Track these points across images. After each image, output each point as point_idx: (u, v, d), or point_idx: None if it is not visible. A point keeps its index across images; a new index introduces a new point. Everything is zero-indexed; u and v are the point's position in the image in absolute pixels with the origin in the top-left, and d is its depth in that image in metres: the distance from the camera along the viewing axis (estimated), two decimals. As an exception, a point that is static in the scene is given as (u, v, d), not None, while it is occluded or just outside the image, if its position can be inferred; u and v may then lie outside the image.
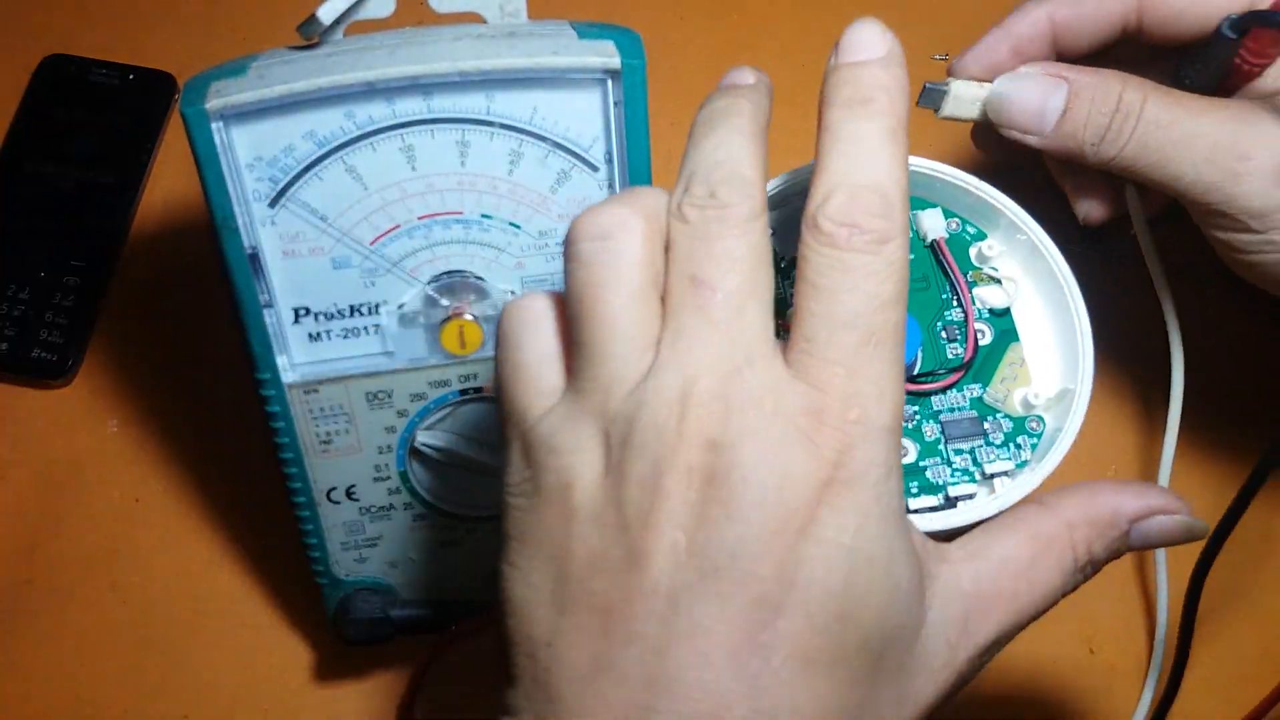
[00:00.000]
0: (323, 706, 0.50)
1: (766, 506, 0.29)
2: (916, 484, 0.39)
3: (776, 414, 0.30)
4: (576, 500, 0.30)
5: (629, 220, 0.32)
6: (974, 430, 0.40)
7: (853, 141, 0.32)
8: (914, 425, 0.40)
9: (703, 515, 0.29)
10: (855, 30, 0.33)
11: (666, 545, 0.29)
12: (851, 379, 0.30)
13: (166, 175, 0.59)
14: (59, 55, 0.60)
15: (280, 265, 0.41)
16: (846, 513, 0.29)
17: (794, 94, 0.60)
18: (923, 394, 0.41)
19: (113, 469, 0.54)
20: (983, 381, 0.41)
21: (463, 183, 0.40)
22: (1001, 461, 0.40)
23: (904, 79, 0.33)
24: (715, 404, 0.30)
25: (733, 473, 0.29)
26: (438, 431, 0.44)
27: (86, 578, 0.52)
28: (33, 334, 0.55)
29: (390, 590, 0.47)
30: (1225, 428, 0.53)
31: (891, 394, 0.30)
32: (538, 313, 0.33)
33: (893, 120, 0.32)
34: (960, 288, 0.42)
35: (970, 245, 0.43)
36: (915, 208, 0.42)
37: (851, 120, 0.32)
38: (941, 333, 0.42)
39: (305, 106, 0.38)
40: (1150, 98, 0.41)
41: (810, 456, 0.29)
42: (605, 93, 0.39)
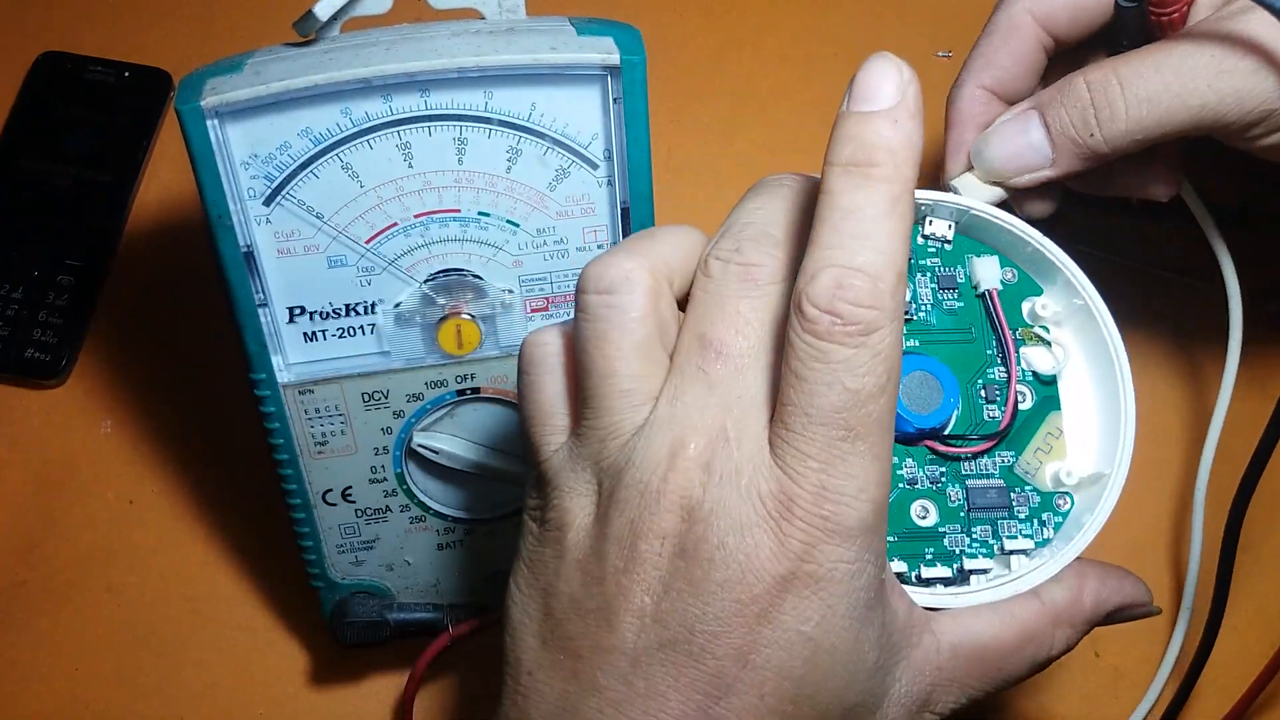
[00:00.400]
0: (319, 709, 0.50)
1: (729, 587, 0.30)
2: (932, 550, 0.37)
3: (749, 494, 0.30)
4: (569, 541, 0.32)
5: (633, 274, 0.32)
6: (1000, 502, 0.38)
7: (847, 214, 0.30)
8: (939, 488, 0.38)
9: (669, 585, 0.30)
10: (867, 71, 0.31)
11: (635, 607, 0.30)
12: (826, 474, 0.29)
13: (162, 173, 0.58)
14: (55, 53, 0.60)
15: (275, 264, 0.40)
16: (809, 604, 0.30)
17: (793, 91, 0.60)
18: (952, 457, 0.38)
19: (108, 470, 0.53)
20: (1015, 450, 0.39)
21: (460, 180, 0.40)
22: (1023, 539, 0.38)
23: (915, 133, 0.31)
24: (697, 472, 0.30)
25: (701, 548, 0.30)
26: (434, 433, 0.44)
27: (82, 579, 0.52)
28: (27, 333, 0.55)
29: (386, 593, 0.47)
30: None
31: (871, 491, 0.30)
32: (551, 353, 0.34)
33: (895, 188, 0.30)
34: (1007, 346, 0.39)
35: (1024, 300, 0.40)
36: (972, 252, 0.39)
37: (849, 189, 0.30)
38: (980, 391, 0.39)
39: (301, 103, 0.38)
40: (1116, 65, 0.40)
41: (776, 545, 0.29)
42: (604, 89, 0.39)
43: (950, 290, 0.39)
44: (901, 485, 0.38)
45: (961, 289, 0.39)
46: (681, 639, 0.30)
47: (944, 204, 0.39)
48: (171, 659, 0.51)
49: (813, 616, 0.30)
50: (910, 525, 0.38)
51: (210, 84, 0.38)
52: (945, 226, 0.39)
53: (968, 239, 0.40)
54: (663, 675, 0.30)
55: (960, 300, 0.39)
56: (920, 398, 0.37)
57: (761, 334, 0.31)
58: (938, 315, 0.39)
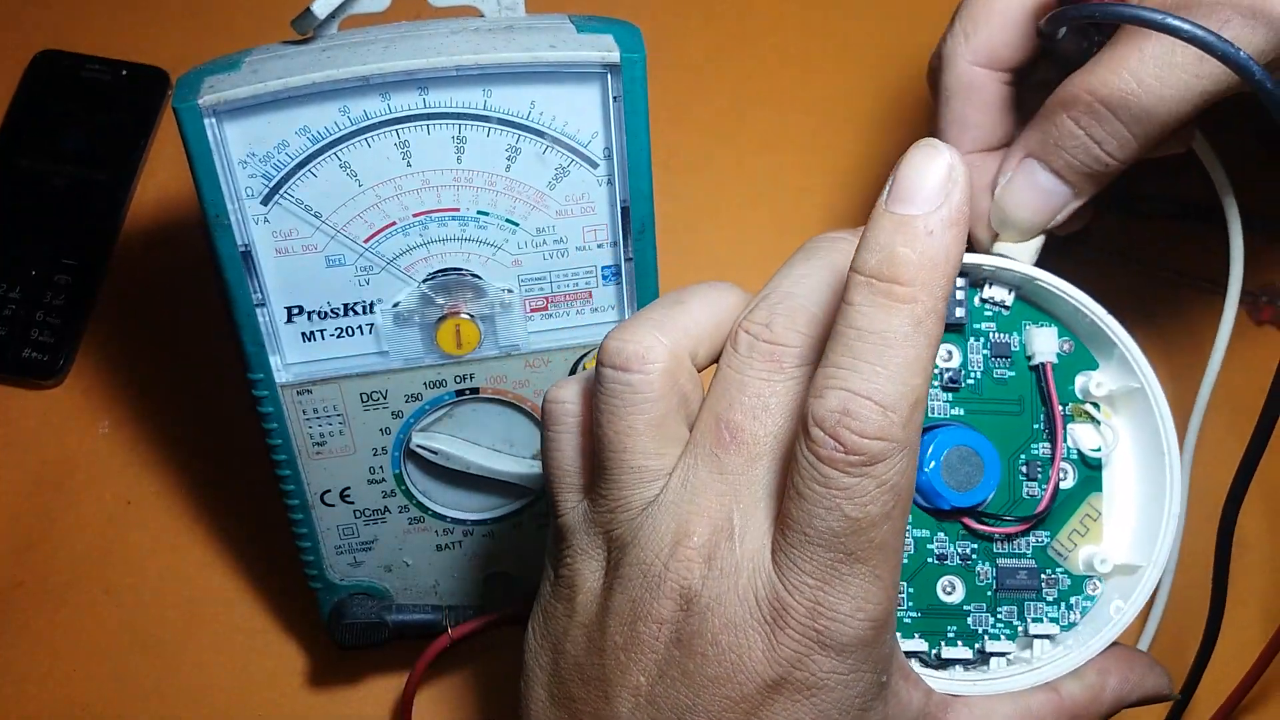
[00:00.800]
0: (317, 711, 0.50)
1: (720, 683, 0.30)
2: (954, 629, 0.37)
3: (746, 595, 0.30)
4: (579, 602, 0.32)
5: (651, 351, 0.31)
6: (1029, 583, 0.37)
7: (863, 334, 0.28)
8: (969, 566, 0.37)
9: (664, 670, 0.30)
10: (909, 163, 0.29)
11: (631, 685, 0.30)
12: (821, 591, 0.29)
13: (160, 172, 0.58)
14: (52, 51, 0.59)
15: (273, 263, 0.40)
16: (800, 708, 0.30)
17: (794, 90, 0.60)
18: (985, 536, 0.37)
19: (105, 470, 0.53)
20: (1051, 530, 0.37)
21: (459, 179, 0.40)
22: (1048, 623, 0.37)
23: (952, 245, 0.29)
24: (699, 563, 0.30)
25: (695, 642, 0.30)
26: (433, 433, 0.44)
27: (79, 580, 0.52)
28: (24, 333, 0.54)
29: (385, 594, 0.46)
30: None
31: (869, 610, 0.29)
32: (569, 412, 0.34)
33: (919, 309, 0.28)
34: (1055, 422, 0.37)
35: (1078, 374, 0.38)
36: (1030, 320, 0.38)
37: (869, 306, 0.29)
38: (1022, 467, 0.37)
39: (299, 102, 0.38)
40: (1093, 90, 0.37)
41: (768, 650, 0.29)
42: (604, 87, 0.39)
43: (1003, 359, 0.38)
44: (930, 560, 0.37)
45: (1015, 358, 0.38)
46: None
47: (1005, 271, 0.37)
48: (169, 660, 0.51)
49: (802, 717, 0.30)
50: (935, 601, 0.37)
51: (208, 82, 0.38)
52: (1005, 292, 0.38)
53: (1027, 306, 0.38)
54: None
55: (1012, 370, 0.38)
56: (960, 475, 0.36)
57: (780, 422, 0.31)
58: (987, 384, 0.38)
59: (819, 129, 0.58)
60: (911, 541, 0.37)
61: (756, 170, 0.57)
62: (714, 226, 0.56)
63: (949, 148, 0.29)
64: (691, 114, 0.59)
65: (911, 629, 0.37)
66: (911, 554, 0.37)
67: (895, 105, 0.59)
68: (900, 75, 0.59)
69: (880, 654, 0.30)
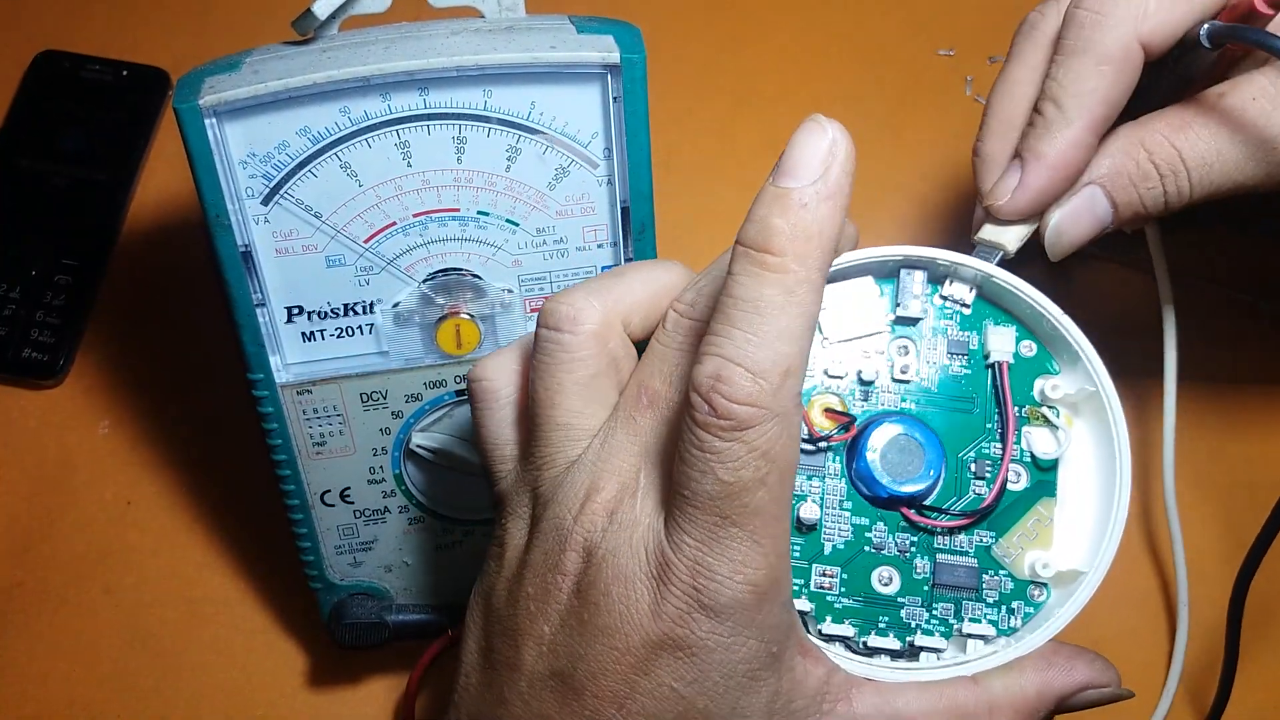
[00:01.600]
0: (317, 711, 0.50)
1: (609, 634, 0.30)
2: (886, 619, 0.36)
3: (638, 549, 0.30)
4: (506, 559, 0.34)
5: (582, 314, 0.33)
6: (968, 582, 0.36)
7: (739, 302, 0.29)
8: (907, 558, 0.36)
9: (565, 620, 0.31)
10: (794, 139, 0.30)
11: (536, 634, 0.32)
12: (701, 552, 0.30)
13: (160, 172, 0.58)
14: (52, 51, 0.59)
15: (273, 263, 0.40)
16: (683, 665, 0.30)
17: (794, 90, 0.60)
18: (926, 529, 0.37)
19: (105, 470, 0.53)
20: (997, 531, 0.37)
21: (459, 179, 0.40)
22: (986, 624, 0.36)
23: (828, 218, 0.29)
24: (602, 517, 0.31)
25: (590, 592, 0.31)
26: (433, 433, 0.44)
27: (79, 580, 0.52)
28: (24, 333, 0.54)
29: (385, 594, 0.46)
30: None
31: (748, 574, 0.30)
32: (489, 389, 0.35)
33: (792, 279, 0.29)
34: (1008, 422, 0.37)
35: (1037, 377, 0.38)
36: (991, 319, 0.37)
37: (746, 276, 0.29)
38: (971, 465, 0.37)
39: (299, 102, 0.38)
40: (1183, 147, 0.37)
41: (654, 604, 0.30)
42: (605, 87, 0.39)
43: (960, 356, 0.38)
44: (867, 549, 0.37)
45: (972, 356, 0.38)
46: (567, 672, 0.31)
47: (964, 266, 0.37)
48: (169, 660, 0.50)
49: (685, 676, 0.30)
50: (869, 591, 0.37)
51: (208, 83, 0.38)
52: (966, 290, 0.38)
53: (989, 305, 0.38)
54: (550, 701, 0.31)
55: (969, 368, 0.38)
56: (898, 464, 0.36)
57: None
58: (941, 380, 0.37)
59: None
60: (850, 528, 0.37)
61: (757, 169, 0.57)
62: (714, 226, 0.56)
63: (834, 124, 0.30)
64: (692, 114, 0.59)
65: (842, 614, 0.37)
66: (849, 540, 0.37)
67: (896, 104, 0.59)
68: (901, 74, 0.59)
69: (766, 622, 0.30)
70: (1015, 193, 0.39)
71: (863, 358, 0.38)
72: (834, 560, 0.37)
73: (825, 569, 0.37)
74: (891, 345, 0.38)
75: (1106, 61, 0.37)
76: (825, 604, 0.37)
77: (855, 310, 0.38)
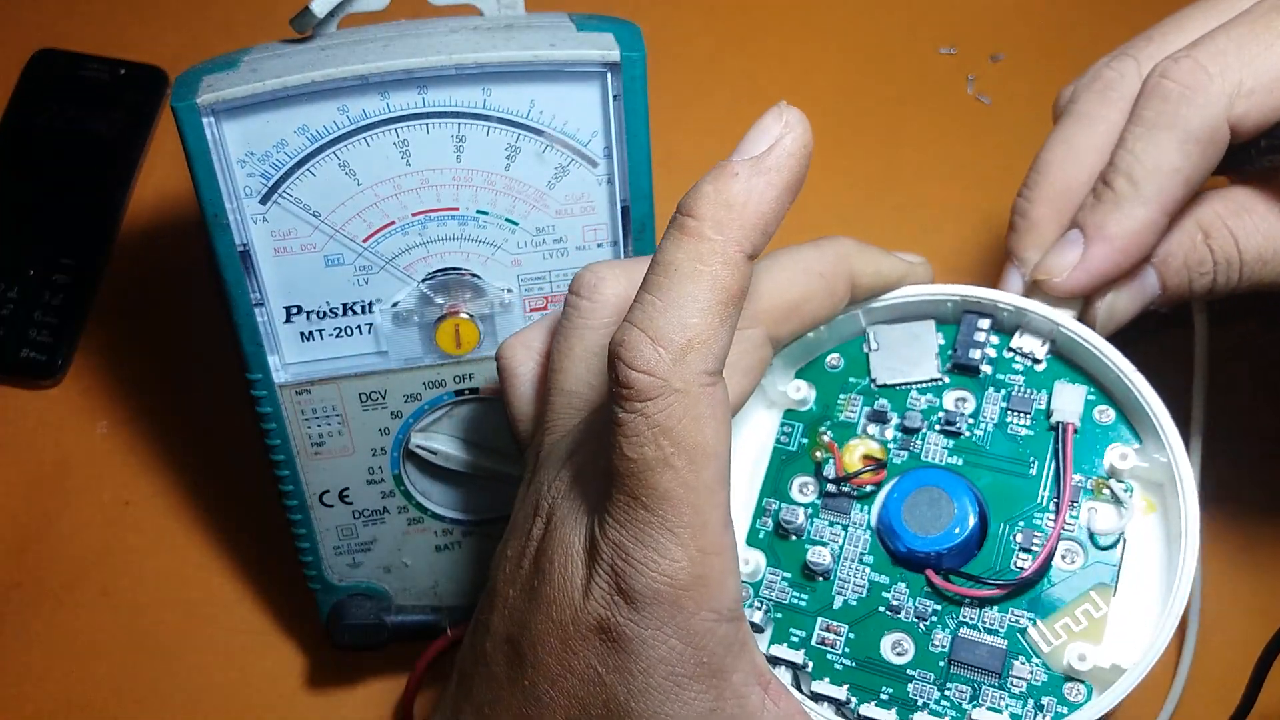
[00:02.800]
0: (316, 712, 0.50)
1: (548, 604, 0.30)
2: (890, 690, 0.33)
3: (579, 524, 0.30)
4: (511, 521, 0.33)
5: (605, 281, 0.33)
6: (991, 665, 0.32)
7: (656, 265, 0.29)
8: (925, 627, 0.33)
9: (524, 585, 0.31)
10: (758, 121, 0.30)
11: (504, 597, 0.32)
12: (621, 535, 0.29)
13: (158, 171, 0.58)
14: (49, 50, 0.59)
15: (272, 263, 0.40)
16: (609, 652, 0.29)
17: (794, 89, 0.60)
18: (952, 599, 0.33)
19: (103, 471, 0.53)
20: (1039, 613, 0.33)
21: (458, 178, 0.39)
22: (1007, 716, 0.32)
23: (759, 191, 0.29)
24: (568, 487, 0.31)
25: (540, 559, 0.31)
26: (432, 433, 0.43)
27: (77, 581, 0.51)
28: (21, 333, 0.54)
29: (384, 595, 0.46)
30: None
31: (663, 566, 0.28)
32: (510, 369, 0.36)
33: (705, 246, 0.28)
34: (1064, 490, 0.34)
35: (1109, 445, 0.34)
36: (1061, 378, 0.35)
37: (667, 240, 0.29)
38: (1017, 535, 0.34)
39: (298, 101, 0.38)
40: (1241, 235, 0.35)
41: (585, 581, 0.29)
42: (604, 86, 0.38)
43: (1022, 414, 0.35)
44: (881, 609, 0.34)
45: (1036, 416, 0.35)
46: (516, 637, 0.31)
47: (1032, 314, 0.35)
48: (167, 662, 0.50)
49: (609, 663, 0.29)
50: (876, 656, 0.34)
51: (206, 81, 0.38)
52: (1038, 344, 0.35)
53: (1064, 365, 0.35)
54: (504, 665, 0.31)
55: (1030, 429, 0.35)
56: (925, 517, 0.34)
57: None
58: (996, 438, 0.35)
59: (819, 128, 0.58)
60: (867, 584, 0.35)
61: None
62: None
63: (796, 112, 0.30)
64: (692, 113, 0.59)
65: (841, 676, 0.34)
66: (863, 597, 0.34)
67: (896, 103, 0.58)
68: (902, 73, 0.59)
69: (691, 626, 0.29)
70: (1074, 272, 0.36)
71: (910, 406, 0.36)
72: (843, 616, 0.35)
73: (831, 624, 0.35)
74: (947, 396, 0.36)
75: (1193, 141, 0.34)
76: (825, 662, 0.34)
77: (909, 353, 0.36)
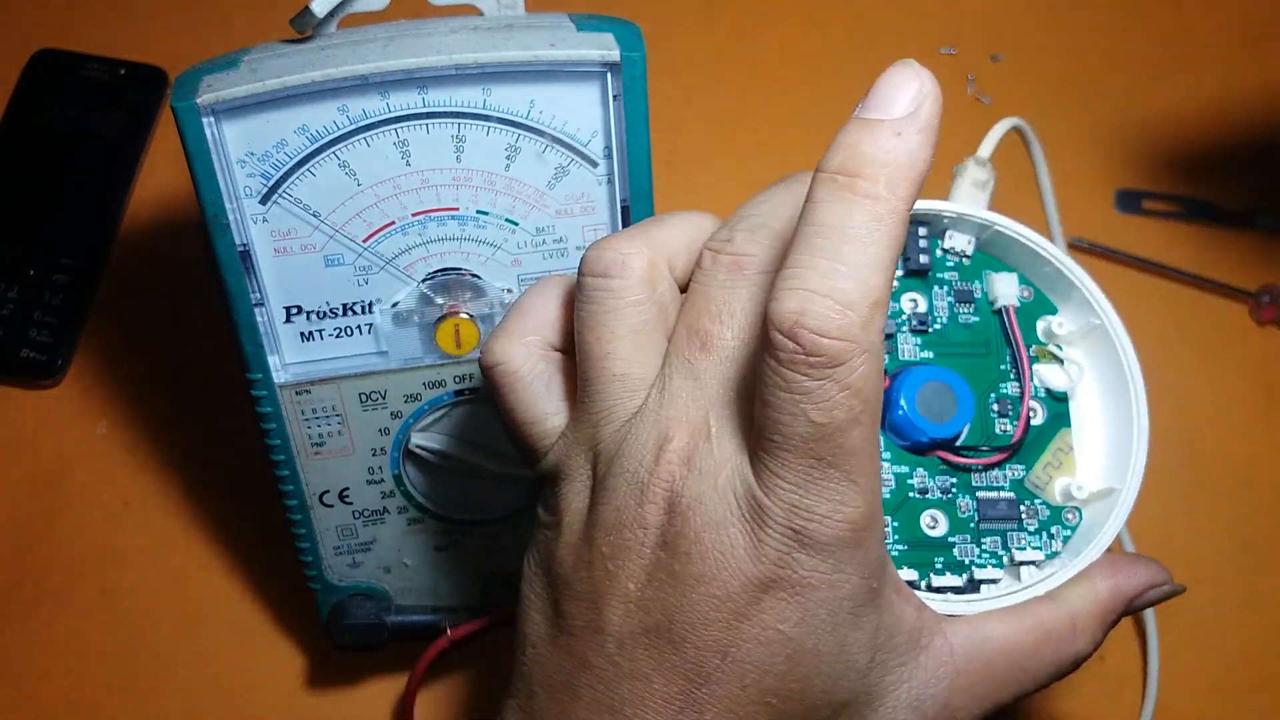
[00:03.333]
0: (315, 712, 0.50)
1: (705, 582, 0.30)
2: (942, 560, 0.38)
3: (726, 493, 0.30)
4: (565, 523, 0.32)
5: (630, 258, 0.32)
6: (1009, 514, 0.38)
7: (823, 230, 0.28)
8: (949, 499, 0.38)
9: (652, 574, 0.30)
10: (885, 77, 0.29)
11: (620, 592, 0.31)
12: (798, 494, 0.29)
13: (158, 171, 0.58)
14: (49, 50, 0.59)
15: (272, 263, 0.40)
16: (787, 607, 0.29)
17: (795, 88, 0.60)
18: (963, 468, 0.38)
19: (103, 471, 0.53)
20: (1026, 464, 0.39)
21: (458, 178, 0.39)
22: (1032, 550, 0.38)
23: (919, 149, 0.28)
24: (679, 466, 0.30)
25: (679, 542, 0.30)
26: (432, 433, 0.43)
27: (77, 581, 0.51)
28: (21, 333, 0.54)
29: (384, 595, 0.46)
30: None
31: (846, 512, 0.29)
32: (512, 372, 0.34)
33: (881, 207, 0.28)
34: (1022, 362, 0.39)
35: (1039, 318, 0.40)
36: (990, 269, 0.40)
37: (830, 201, 0.28)
38: (994, 405, 0.39)
39: (298, 101, 0.38)
40: None
41: (751, 548, 0.29)
42: (604, 86, 0.38)
43: (967, 305, 0.39)
44: (912, 495, 0.38)
45: (978, 304, 0.39)
46: (663, 626, 0.30)
47: (966, 217, 0.39)
48: (167, 662, 0.50)
49: (791, 617, 0.30)
50: (920, 535, 0.38)
51: (206, 81, 0.38)
52: (965, 242, 0.39)
53: (987, 255, 0.40)
54: (646, 658, 0.30)
55: (976, 315, 0.39)
56: (935, 408, 0.37)
57: (744, 324, 0.31)
58: (953, 328, 0.39)
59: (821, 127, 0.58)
60: (892, 478, 0.38)
61: (757, 168, 0.57)
62: (714, 226, 0.56)
63: (927, 71, 0.29)
64: (692, 112, 0.59)
65: (900, 561, 0.37)
66: (893, 489, 0.38)
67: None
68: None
69: (866, 559, 0.30)
70: None
71: None
72: (885, 510, 0.37)
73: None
74: (903, 299, 0.39)
75: None
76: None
77: None
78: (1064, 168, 0.56)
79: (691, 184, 0.57)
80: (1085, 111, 0.59)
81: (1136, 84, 0.60)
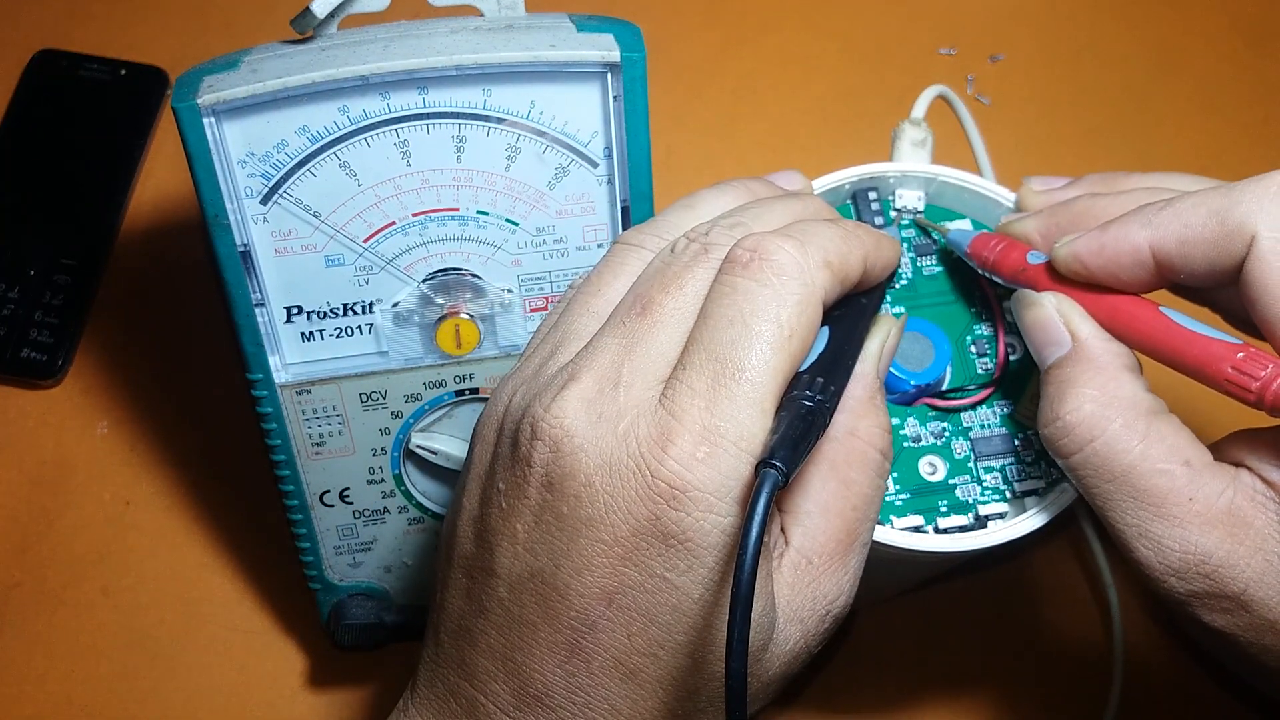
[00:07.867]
0: (315, 712, 0.50)
1: (594, 526, 0.29)
2: (946, 503, 0.38)
3: (626, 437, 0.30)
4: (476, 456, 0.33)
5: (646, 243, 0.34)
6: (1005, 448, 0.39)
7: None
8: (944, 442, 0.39)
9: (540, 516, 0.30)
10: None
11: (509, 534, 0.31)
12: (709, 413, 0.29)
13: (158, 172, 0.58)
14: (50, 50, 0.59)
15: (272, 263, 0.40)
16: (676, 554, 0.29)
17: (795, 89, 0.60)
18: (953, 410, 0.39)
19: (103, 470, 0.53)
20: (1012, 399, 0.40)
21: (459, 178, 0.39)
22: (1032, 480, 0.39)
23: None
24: (579, 409, 0.30)
25: (566, 484, 0.30)
26: (433, 433, 0.43)
27: (77, 581, 0.51)
28: (22, 333, 0.54)
29: (384, 595, 0.46)
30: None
31: (749, 444, 0.29)
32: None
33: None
34: (990, 300, 0.41)
35: None
36: (945, 219, 0.41)
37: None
38: (971, 347, 0.40)
39: (298, 101, 0.38)
40: None
41: (643, 489, 0.29)
42: (604, 87, 0.38)
43: (927, 256, 0.41)
44: (907, 444, 0.39)
45: (937, 255, 0.41)
46: (548, 571, 0.30)
47: (911, 174, 0.41)
48: (167, 661, 0.50)
49: (679, 565, 0.29)
50: (921, 481, 0.39)
51: (207, 82, 0.38)
52: (915, 198, 0.41)
53: (938, 207, 0.42)
54: (532, 605, 0.30)
55: (938, 265, 0.41)
56: (914, 356, 0.39)
57: (691, 301, 0.32)
58: (920, 281, 0.41)
59: (820, 127, 0.58)
60: None
61: (757, 168, 0.57)
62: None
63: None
64: (692, 113, 0.59)
65: (904, 509, 0.39)
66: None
67: (896, 104, 0.58)
68: (901, 73, 0.59)
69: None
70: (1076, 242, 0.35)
71: None
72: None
73: None
74: None
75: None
76: (887, 505, 0.39)
77: None
78: (1064, 168, 0.56)
79: (691, 184, 0.57)
80: (1085, 111, 0.59)
81: (1136, 84, 0.60)
